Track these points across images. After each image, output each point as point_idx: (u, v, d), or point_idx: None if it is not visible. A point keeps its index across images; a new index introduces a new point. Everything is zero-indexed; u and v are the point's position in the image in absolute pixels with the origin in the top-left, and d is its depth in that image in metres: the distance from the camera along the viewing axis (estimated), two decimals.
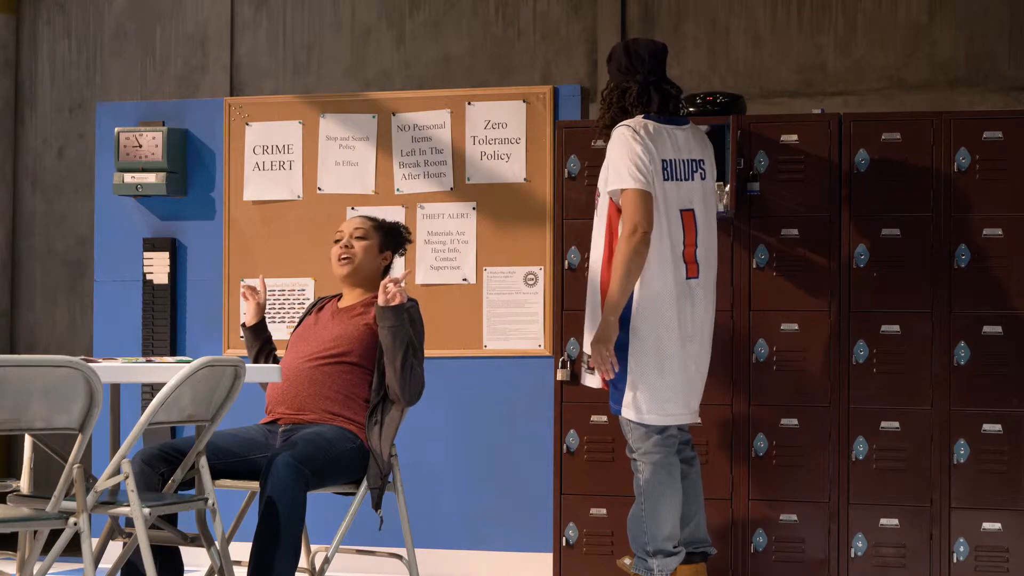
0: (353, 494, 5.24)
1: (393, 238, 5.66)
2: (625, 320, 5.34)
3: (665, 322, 5.35)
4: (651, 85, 5.48)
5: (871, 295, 5.97)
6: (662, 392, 5.37)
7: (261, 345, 5.67)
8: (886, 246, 5.96)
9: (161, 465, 5.06)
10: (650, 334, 5.34)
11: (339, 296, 5.65)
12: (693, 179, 5.45)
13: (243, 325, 5.70)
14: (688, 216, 5.42)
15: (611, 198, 5.38)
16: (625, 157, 5.31)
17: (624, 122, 5.42)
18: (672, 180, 5.39)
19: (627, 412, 5.39)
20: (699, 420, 5.59)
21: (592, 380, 5.51)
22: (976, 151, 5.90)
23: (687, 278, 5.41)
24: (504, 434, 6.86)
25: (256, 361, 5.67)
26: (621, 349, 5.36)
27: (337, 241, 5.59)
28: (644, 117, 5.44)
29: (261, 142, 7.19)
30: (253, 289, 5.64)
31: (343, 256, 5.55)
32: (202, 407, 4.67)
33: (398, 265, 6.96)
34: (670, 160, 5.39)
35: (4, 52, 7.78)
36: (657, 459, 5.40)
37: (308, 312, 5.65)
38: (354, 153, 7.10)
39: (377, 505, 5.21)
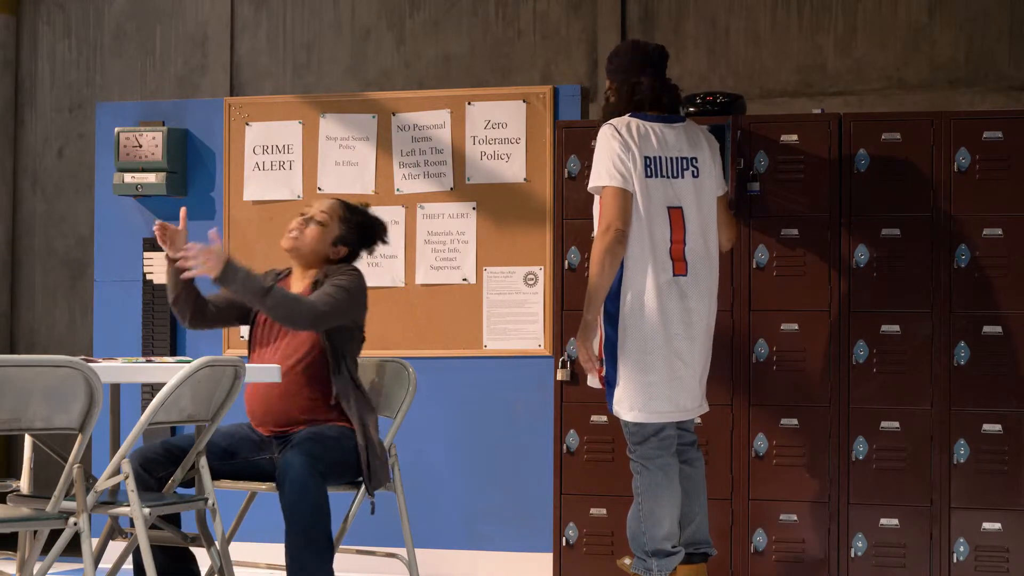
0: (354, 492, 5.24)
1: (359, 235, 5.44)
2: (614, 319, 5.35)
3: (648, 320, 5.34)
4: (658, 84, 5.48)
5: (871, 295, 5.97)
6: (647, 390, 5.37)
7: (184, 289, 5.28)
8: (886, 246, 5.96)
9: (158, 469, 5.05)
10: (634, 332, 5.35)
11: (289, 272, 5.49)
12: (683, 176, 5.45)
13: (167, 257, 5.26)
14: (676, 213, 5.41)
15: (597, 196, 5.42)
16: (604, 155, 5.36)
17: (609, 121, 5.44)
18: (656, 177, 5.38)
19: (619, 411, 5.40)
20: (695, 418, 5.58)
21: (594, 380, 5.53)
22: (976, 151, 5.90)
23: (674, 275, 5.39)
24: (504, 434, 6.86)
25: (176, 304, 5.27)
26: (611, 348, 5.37)
27: (302, 214, 5.41)
28: (631, 116, 5.45)
29: (261, 142, 7.19)
30: (165, 227, 5.15)
31: (291, 232, 5.36)
32: (202, 407, 4.68)
33: (389, 265, 6.95)
34: (653, 157, 5.39)
35: (4, 52, 7.78)
36: (654, 460, 5.41)
37: None
38: (354, 153, 7.10)
39: (367, 483, 5.18)
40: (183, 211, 5.26)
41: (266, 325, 5.34)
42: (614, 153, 5.34)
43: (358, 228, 5.44)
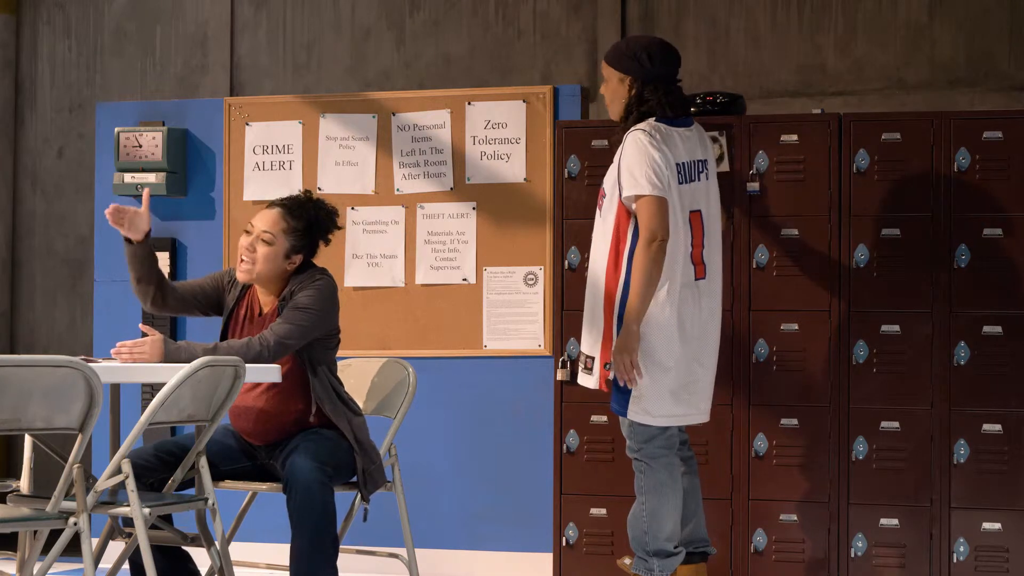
0: (354, 492, 5.24)
1: (309, 238, 5.27)
2: None
3: (669, 324, 5.33)
4: (672, 91, 5.44)
5: (871, 295, 5.97)
6: (670, 394, 5.36)
7: (147, 273, 5.28)
8: (886, 246, 5.96)
9: (148, 476, 5.04)
10: (655, 337, 5.33)
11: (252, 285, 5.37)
12: (699, 180, 5.44)
13: (126, 241, 5.23)
14: (695, 217, 5.41)
15: (623, 202, 5.35)
16: (642, 163, 5.27)
17: (638, 126, 5.37)
18: (685, 183, 5.37)
19: (635, 415, 5.36)
20: (707, 418, 5.58)
21: (587, 380, 5.50)
22: (976, 151, 5.90)
23: (695, 279, 5.40)
24: (504, 434, 6.86)
25: (138, 285, 5.27)
26: None
27: (248, 232, 5.24)
28: (656, 120, 5.40)
29: (261, 142, 7.19)
30: (121, 210, 5.13)
31: (243, 261, 5.21)
32: (202, 407, 4.68)
33: (389, 265, 6.95)
34: (683, 163, 5.37)
35: (4, 52, 7.78)
36: (659, 459, 5.40)
37: (235, 302, 5.36)
38: (354, 153, 7.10)
39: (362, 489, 5.17)
40: (146, 192, 5.21)
41: (239, 334, 5.31)
42: (653, 161, 5.27)
43: (306, 232, 5.26)
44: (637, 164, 5.27)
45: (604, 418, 6.11)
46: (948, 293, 5.91)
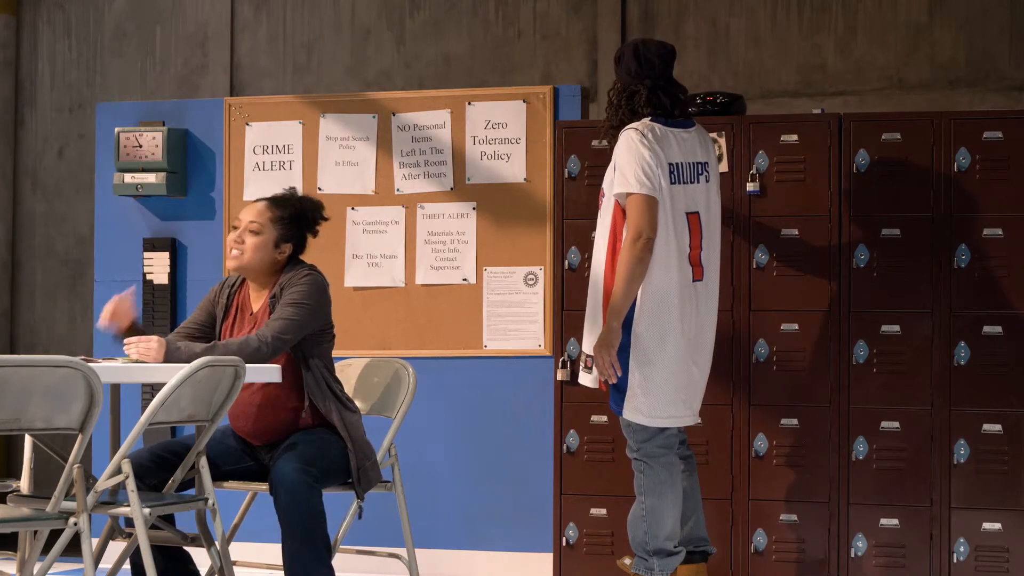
0: (352, 491, 5.24)
1: (296, 227, 5.30)
2: (627, 322, 5.33)
3: (667, 325, 5.34)
4: (659, 89, 5.46)
5: (871, 295, 5.97)
6: (665, 395, 5.37)
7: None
8: (886, 246, 5.96)
9: (148, 477, 5.04)
10: (652, 337, 5.34)
11: (243, 281, 5.39)
12: (698, 182, 5.45)
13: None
14: (694, 219, 5.41)
15: (616, 201, 5.37)
16: (632, 161, 5.29)
17: (631, 125, 5.39)
18: (679, 183, 5.38)
19: (630, 415, 5.38)
20: (700, 420, 5.59)
21: (588, 379, 5.51)
22: (976, 151, 5.90)
23: (693, 281, 5.40)
24: (504, 434, 6.86)
25: None
26: (623, 352, 5.35)
27: (235, 228, 5.29)
28: (652, 120, 5.42)
29: (261, 142, 7.19)
30: (120, 309, 5.19)
31: (232, 251, 5.25)
32: (202, 407, 4.68)
33: (389, 265, 6.95)
34: (677, 163, 5.37)
35: (4, 52, 7.78)
36: (658, 459, 5.41)
37: (227, 307, 5.38)
38: (354, 153, 7.10)
39: (356, 487, 5.16)
40: (131, 291, 5.25)
41: (232, 334, 5.30)
42: (643, 160, 5.29)
43: (292, 221, 5.30)
44: (627, 162, 5.30)
45: (604, 418, 6.11)
46: (948, 293, 5.91)
